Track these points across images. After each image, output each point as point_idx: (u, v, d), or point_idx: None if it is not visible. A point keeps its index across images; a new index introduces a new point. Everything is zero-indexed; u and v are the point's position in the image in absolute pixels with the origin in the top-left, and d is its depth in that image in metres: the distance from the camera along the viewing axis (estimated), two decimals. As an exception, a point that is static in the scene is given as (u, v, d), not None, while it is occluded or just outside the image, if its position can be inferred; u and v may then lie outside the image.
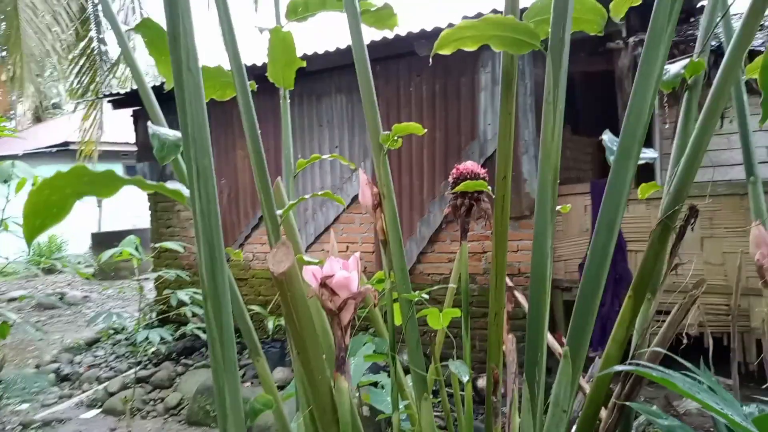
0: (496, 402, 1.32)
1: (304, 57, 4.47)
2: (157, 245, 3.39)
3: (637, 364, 1.07)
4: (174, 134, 0.91)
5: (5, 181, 3.12)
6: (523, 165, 3.96)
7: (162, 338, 3.08)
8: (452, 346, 1.56)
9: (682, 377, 0.88)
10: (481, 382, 3.61)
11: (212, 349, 0.73)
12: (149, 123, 0.94)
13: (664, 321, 1.19)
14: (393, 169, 4.56)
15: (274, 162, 4.75)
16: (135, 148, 17.13)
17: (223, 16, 1.02)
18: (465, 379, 1.41)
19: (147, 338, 3.02)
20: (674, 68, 1.33)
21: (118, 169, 16.62)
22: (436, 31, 3.94)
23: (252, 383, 4.39)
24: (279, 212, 1.09)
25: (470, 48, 1.11)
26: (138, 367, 5.19)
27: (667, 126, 3.95)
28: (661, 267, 1.19)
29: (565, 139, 4.32)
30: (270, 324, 4.19)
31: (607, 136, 1.09)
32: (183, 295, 3.26)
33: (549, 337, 1.95)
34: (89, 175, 0.70)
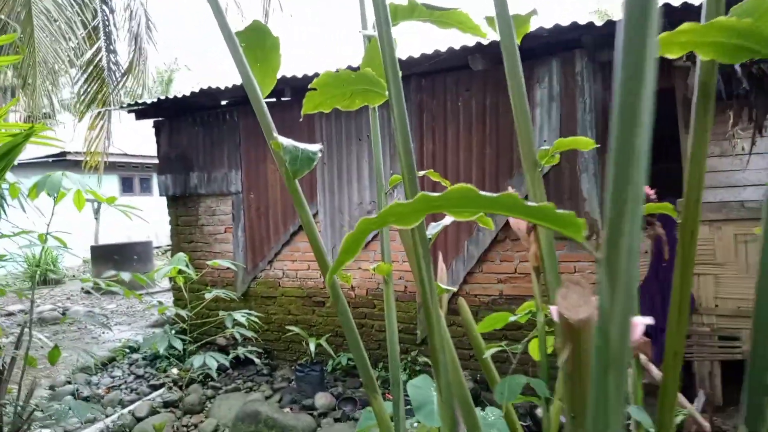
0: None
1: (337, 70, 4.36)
2: (208, 262, 3.20)
3: None
4: (305, 147, 0.85)
5: (50, 195, 2.92)
6: (582, 183, 3.84)
7: (219, 364, 2.87)
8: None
9: None
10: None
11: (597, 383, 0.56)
12: (277, 136, 0.86)
13: None
14: (438, 185, 4.42)
15: (309, 173, 4.54)
16: (131, 160, 16.82)
17: (382, 18, 0.90)
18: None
19: (204, 364, 2.81)
20: None
21: (114, 180, 16.33)
22: (494, 44, 3.84)
23: (291, 408, 4.16)
24: (430, 233, 0.97)
25: (673, 55, 0.95)
26: (162, 390, 4.94)
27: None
28: None
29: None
30: (312, 346, 3.98)
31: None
32: (239, 316, 3.07)
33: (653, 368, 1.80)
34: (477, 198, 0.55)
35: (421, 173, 1.43)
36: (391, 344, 1.28)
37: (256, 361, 3.22)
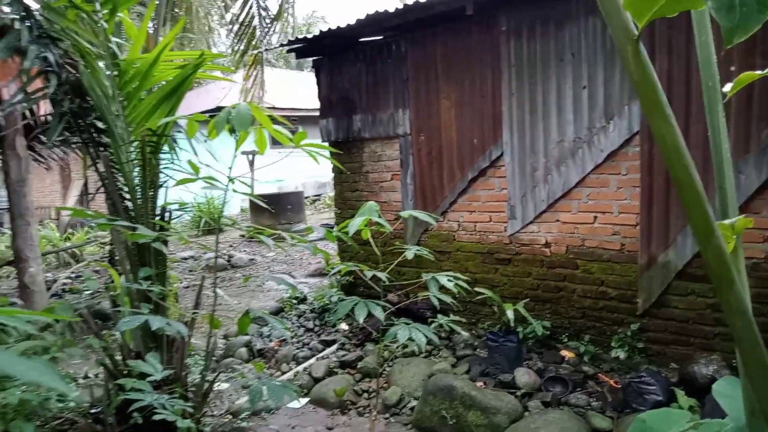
0: None
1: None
2: (402, 213, 2.61)
3: None
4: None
5: (233, 131, 2.45)
6: None
7: (428, 340, 2.33)
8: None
9: None
10: None
11: None
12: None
13: None
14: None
15: (492, 108, 3.58)
16: (281, 113, 17.30)
17: None
18: None
19: (411, 339, 2.28)
20: None
21: (265, 134, 16.91)
22: None
23: (485, 383, 3.56)
24: None
25: None
26: (334, 347, 4.63)
27: None
28: None
29: None
30: (510, 314, 3.31)
31: None
32: (445, 279, 2.46)
33: None
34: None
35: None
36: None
37: (464, 334, 2.62)
